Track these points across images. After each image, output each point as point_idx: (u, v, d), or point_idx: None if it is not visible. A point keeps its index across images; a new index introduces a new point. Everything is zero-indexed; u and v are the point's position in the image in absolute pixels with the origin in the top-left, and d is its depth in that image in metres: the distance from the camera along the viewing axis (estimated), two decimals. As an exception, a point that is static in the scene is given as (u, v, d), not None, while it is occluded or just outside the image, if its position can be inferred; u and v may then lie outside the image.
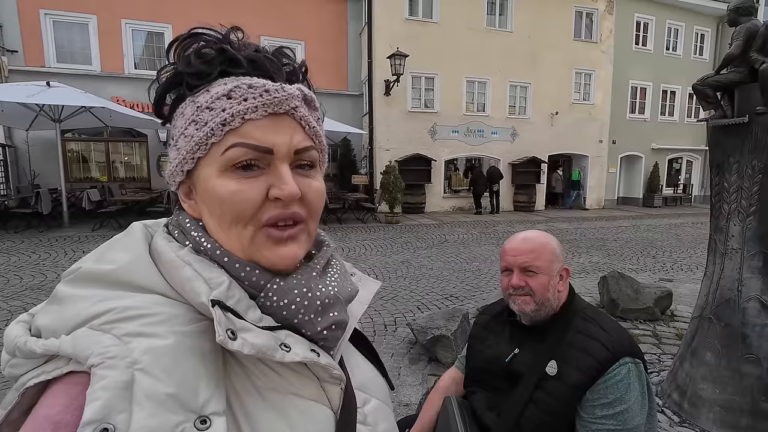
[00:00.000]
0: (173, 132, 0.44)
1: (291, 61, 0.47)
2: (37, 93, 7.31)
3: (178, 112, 0.44)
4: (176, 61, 0.44)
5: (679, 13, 15.78)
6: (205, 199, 0.43)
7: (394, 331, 3.65)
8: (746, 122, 2.07)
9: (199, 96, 0.42)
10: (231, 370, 0.39)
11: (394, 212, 10.54)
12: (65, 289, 0.38)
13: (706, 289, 2.33)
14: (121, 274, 0.39)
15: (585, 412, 1.01)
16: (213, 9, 11.05)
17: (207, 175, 0.42)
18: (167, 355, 0.34)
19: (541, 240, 1.14)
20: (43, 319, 0.37)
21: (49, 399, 0.34)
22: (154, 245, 0.43)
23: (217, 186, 0.41)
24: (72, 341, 0.33)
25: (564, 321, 1.12)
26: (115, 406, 0.30)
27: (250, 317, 0.40)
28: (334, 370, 0.43)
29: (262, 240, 0.42)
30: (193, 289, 0.38)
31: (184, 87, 0.43)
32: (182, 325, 0.37)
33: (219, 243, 0.43)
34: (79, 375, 0.33)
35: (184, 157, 0.43)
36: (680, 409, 2.30)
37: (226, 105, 0.40)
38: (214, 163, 0.41)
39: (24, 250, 6.55)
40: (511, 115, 13.64)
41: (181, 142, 0.43)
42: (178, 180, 0.45)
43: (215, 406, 0.35)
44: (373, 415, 0.49)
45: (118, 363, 0.32)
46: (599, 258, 6.88)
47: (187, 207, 0.46)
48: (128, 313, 0.35)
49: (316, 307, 0.43)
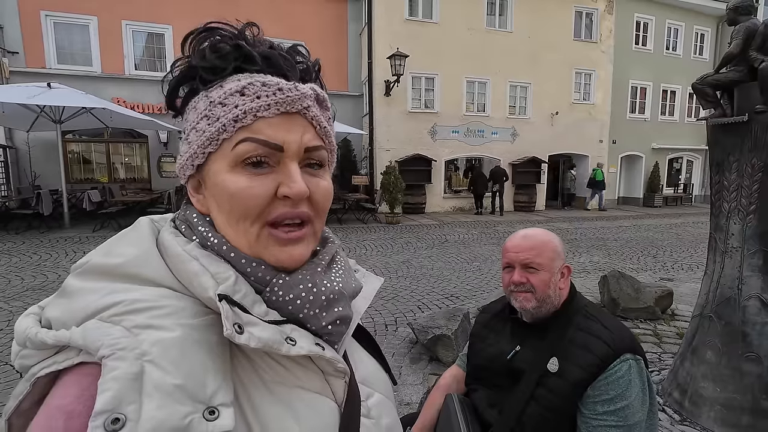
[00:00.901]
0: (184, 126, 0.45)
1: (305, 59, 0.47)
2: (37, 94, 7.33)
3: (190, 106, 0.44)
4: (191, 54, 0.43)
5: (678, 12, 15.78)
6: (215, 193, 0.43)
7: (395, 330, 3.65)
8: (746, 121, 2.07)
9: (213, 91, 0.42)
10: (238, 364, 0.39)
11: (394, 212, 10.54)
12: (74, 282, 0.39)
13: (707, 288, 2.33)
14: (128, 267, 0.39)
15: (586, 408, 1.02)
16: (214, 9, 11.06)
17: (217, 170, 0.42)
18: (175, 347, 0.34)
19: (542, 237, 1.14)
20: (53, 311, 0.38)
21: (61, 389, 0.34)
22: (161, 239, 0.43)
23: (227, 181, 0.41)
24: (82, 332, 0.34)
25: (565, 318, 1.12)
26: (125, 397, 0.31)
27: (256, 311, 0.40)
28: (339, 363, 0.44)
29: (269, 239, 0.42)
30: (201, 284, 0.39)
31: (197, 81, 0.43)
32: (189, 318, 0.37)
33: (226, 239, 0.43)
34: (90, 366, 0.34)
35: (195, 152, 0.43)
36: (681, 407, 2.31)
37: (239, 101, 0.41)
38: (225, 159, 0.41)
39: (25, 251, 6.56)
40: (511, 115, 13.64)
41: (193, 136, 0.43)
42: (188, 174, 0.45)
43: (223, 397, 0.35)
44: (376, 408, 0.49)
45: (128, 354, 0.33)
46: (600, 258, 6.88)
47: (195, 201, 0.46)
48: (136, 306, 0.36)
49: (321, 302, 0.44)
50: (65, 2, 10.49)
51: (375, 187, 11.74)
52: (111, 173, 11.79)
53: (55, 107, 8.11)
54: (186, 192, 0.48)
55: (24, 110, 8.05)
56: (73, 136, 11.14)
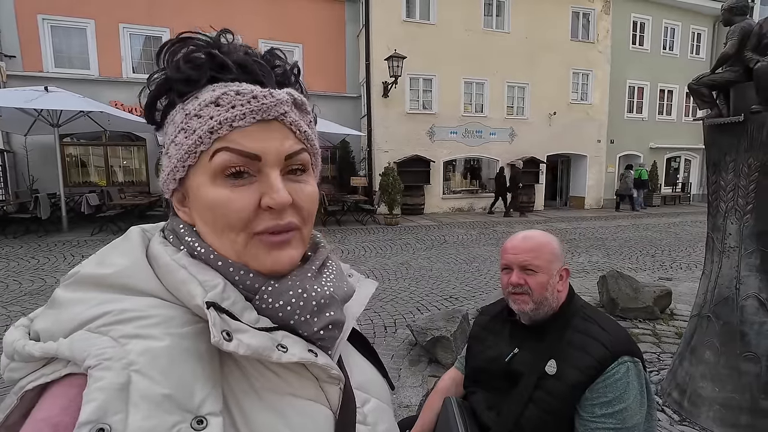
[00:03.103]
0: (164, 140, 0.44)
1: (282, 63, 0.47)
2: (35, 98, 7.31)
3: (168, 119, 0.44)
4: (166, 66, 0.43)
5: (675, 12, 15.83)
6: (197, 207, 0.43)
7: (394, 332, 3.65)
8: (742, 121, 2.08)
9: (189, 103, 0.42)
10: (228, 372, 0.39)
11: (393, 214, 10.53)
12: (63, 293, 0.39)
13: (705, 288, 2.34)
14: (118, 277, 0.39)
15: (584, 410, 1.02)
16: (211, 12, 11.08)
17: (199, 183, 0.42)
18: (163, 356, 0.34)
19: (541, 239, 1.14)
20: (41, 323, 0.37)
21: (47, 401, 0.34)
22: (151, 249, 0.43)
23: (210, 194, 0.41)
24: (69, 344, 0.34)
25: (563, 320, 1.12)
26: (111, 407, 0.31)
27: (246, 319, 0.40)
28: (332, 370, 0.43)
29: (256, 246, 0.42)
30: (189, 292, 0.39)
31: (174, 93, 0.42)
32: (178, 327, 0.37)
33: (213, 248, 0.43)
34: (77, 377, 0.34)
35: (175, 166, 0.43)
36: (680, 407, 2.31)
37: (213, 113, 0.40)
38: (205, 172, 0.41)
39: (23, 255, 6.54)
40: (509, 115, 13.66)
41: (172, 150, 0.43)
42: (171, 188, 0.45)
43: (211, 406, 0.35)
44: (372, 414, 0.49)
45: (114, 364, 0.32)
46: (598, 257, 6.89)
47: (182, 215, 0.46)
48: (125, 316, 0.35)
49: (312, 308, 0.43)
50: (62, 6, 10.49)
51: (374, 188, 11.74)
52: (109, 176, 11.77)
53: (52, 111, 8.10)
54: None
55: (21, 114, 8.04)
56: (70, 140, 11.13)
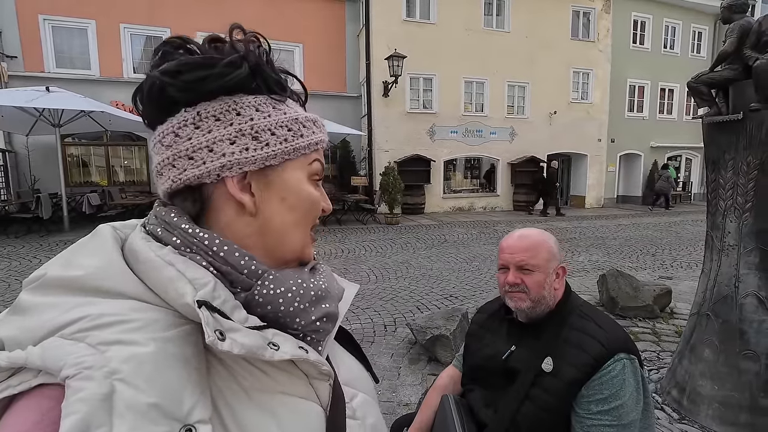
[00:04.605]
0: (244, 117, 0.44)
1: None
2: (36, 98, 7.32)
3: (256, 102, 0.45)
4: (245, 54, 0.43)
5: (676, 11, 15.79)
6: (287, 196, 0.46)
7: (394, 331, 3.65)
8: (740, 119, 2.08)
9: (283, 106, 0.47)
10: (215, 373, 0.38)
11: (393, 213, 10.54)
12: (29, 297, 0.36)
13: (704, 286, 2.34)
14: (92, 279, 0.36)
15: (580, 407, 1.02)
16: (211, 12, 11.11)
17: (298, 179, 0.47)
18: (148, 363, 0.32)
19: (537, 238, 1.15)
20: (5, 330, 0.34)
21: (15, 416, 0.31)
22: (130, 246, 0.41)
23: (308, 190, 0.48)
24: (41, 352, 0.31)
25: (560, 318, 1.13)
26: (94, 420, 0.28)
27: (236, 317, 0.39)
28: (323, 366, 0.44)
29: (310, 238, 0.49)
30: (177, 290, 0.37)
31: (261, 82, 0.45)
32: (162, 330, 0.35)
33: (222, 235, 0.43)
34: (51, 388, 0.31)
35: (275, 153, 0.45)
36: (680, 405, 2.31)
37: (315, 129, 0.49)
38: (302, 170, 0.47)
39: (25, 254, 6.56)
40: (509, 115, 13.65)
41: (270, 138, 0.45)
42: (246, 169, 0.43)
43: (200, 413, 0.33)
44: (361, 409, 0.50)
45: (96, 373, 0.30)
46: (599, 256, 6.88)
47: (239, 199, 0.43)
48: (103, 320, 0.33)
49: (311, 297, 0.45)
50: (63, 6, 10.51)
51: (374, 187, 11.74)
52: (110, 176, 11.79)
53: (54, 111, 8.12)
54: (173, 197, 0.45)
55: (23, 114, 8.05)
56: (72, 140, 11.15)
